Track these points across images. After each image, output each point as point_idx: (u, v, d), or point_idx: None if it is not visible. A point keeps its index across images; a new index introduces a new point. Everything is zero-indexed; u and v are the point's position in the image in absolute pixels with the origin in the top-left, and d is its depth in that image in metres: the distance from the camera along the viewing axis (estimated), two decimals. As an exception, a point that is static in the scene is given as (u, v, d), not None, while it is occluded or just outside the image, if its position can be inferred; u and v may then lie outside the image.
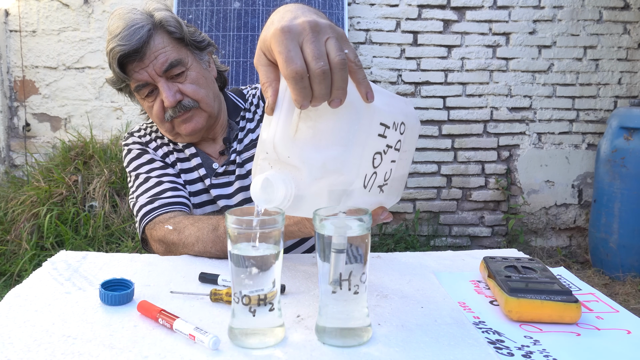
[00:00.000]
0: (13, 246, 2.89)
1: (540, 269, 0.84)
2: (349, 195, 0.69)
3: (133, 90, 1.22)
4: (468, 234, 3.57)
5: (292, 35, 0.61)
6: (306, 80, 0.61)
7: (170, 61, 1.16)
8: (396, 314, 0.76)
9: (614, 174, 3.10)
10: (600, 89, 3.55)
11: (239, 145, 1.27)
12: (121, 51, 1.12)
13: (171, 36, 1.18)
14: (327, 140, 0.65)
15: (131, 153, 1.28)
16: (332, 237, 0.64)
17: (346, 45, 0.64)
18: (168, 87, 1.16)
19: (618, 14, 3.49)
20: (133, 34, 1.12)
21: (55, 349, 0.65)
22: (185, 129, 1.20)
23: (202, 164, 1.26)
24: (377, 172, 0.73)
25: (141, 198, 1.19)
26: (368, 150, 0.69)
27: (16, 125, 3.37)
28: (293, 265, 0.97)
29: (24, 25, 3.28)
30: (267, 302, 0.65)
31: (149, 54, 1.15)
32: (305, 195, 0.67)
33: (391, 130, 0.73)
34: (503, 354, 0.65)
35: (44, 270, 0.92)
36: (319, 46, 0.61)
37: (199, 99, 1.19)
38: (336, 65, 0.61)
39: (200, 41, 1.24)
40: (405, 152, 0.81)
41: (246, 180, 1.25)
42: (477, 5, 3.41)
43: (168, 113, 1.19)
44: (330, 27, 0.64)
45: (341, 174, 0.66)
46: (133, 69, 1.16)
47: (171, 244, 1.07)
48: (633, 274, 3.07)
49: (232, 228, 0.64)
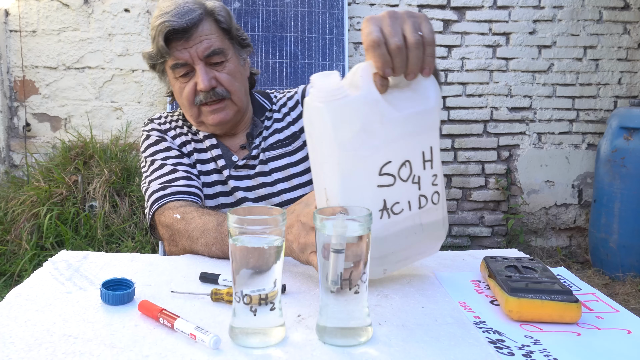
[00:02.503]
0: (13, 246, 2.89)
1: (540, 269, 0.84)
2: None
3: (170, 68, 1.23)
4: (468, 234, 3.57)
5: (374, 21, 0.75)
6: (383, 47, 0.73)
7: (213, 48, 1.19)
8: (397, 313, 0.77)
9: (614, 174, 3.10)
10: (600, 89, 3.55)
11: (263, 142, 1.30)
12: (171, 26, 1.15)
13: (218, 25, 1.22)
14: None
15: (149, 139, 1.29)
16: (331, 237, 0.65)
17: (424, 26, 0.75)
18: (205, 72, 1.19)
19: (618, 14, 3.49)
20: (185, 14, 1.16)
21: (56, 349, 0.65)
22: (213, 119, 1.23)
23: (222, 155, 1.28)
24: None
25: (154, 183, 1.20)
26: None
27: (16, 125, 3.37)
28: (294, 265, 0.97)
29: (24, 25, 3.28)
30: (268, 301, 0.65)
31: (195, 37, 1.18)
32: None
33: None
34: (504, 353, 0.65)
35: (44, 270, 0.92)
36: (395, 27, 0.74)
37: (232, 91, 1.22)
38: (411, 43, 0.73)
39: (243, 38, 1.29)
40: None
41: (268, 177, 1.27)
42: (477, 5, 3.41)
43: (199, 97, 1.21)
44: (408, 13, 0.76)
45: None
46: (176, 46, 1.19)
47: (177, 232, 1.08)
48: (633, 274, 3.07)
49: (234, 227, 0.64)
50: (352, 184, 0.76)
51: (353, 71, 0.77)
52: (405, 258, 0.86)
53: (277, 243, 0.65)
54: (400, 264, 0.86)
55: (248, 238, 0.65)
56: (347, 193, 0.76)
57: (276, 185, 1.28)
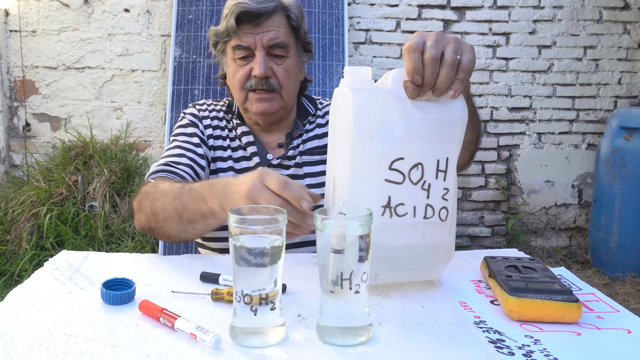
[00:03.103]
0: (13, 246, 2.89)
1: (540, 269, 0.84)
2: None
3: (231, 48, 1.24)
4: (468, 234, 3.57)
5: (421, 34, 0.80)
6: (418, 53, 0.77)
7: (278, 40, 1.21)
8: (397, 313, 0.77)
9: (614, 174, 3.10)
10: (600, 89, 3.55)
11: (302, 145, 1.30)
12: (245, 8, 1.18)
13: (289, 22, 1.25)
14: None
15: (182, 120, 1.32)
16: (331, 237, 0.65)
17: (465, 54, 0.79)
18: (264, 60, 1.21)
19: (618, 14, 3.49)
20: (261, 2, 1.20)
21: (57, 348, 0.65)
22: (257, 108, 1.23)
23: (257, 152, 1.28)
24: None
25: (161, 159, 1.23)
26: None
27: (16, 125, 3.37)
28: (294, 264, 0.97)
29: (24, 25, 3.28)
30: (268, 301, 0.66)
31: (264, 25, 1.20)
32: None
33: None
34: (504, 353, 0.65)
35: (45, 270, 0.92)
36: (438, 43, 0.78)
37: (284, 86, 1.24)
38: (446, 60, 0.77)
39: (308, 42, 1.32)
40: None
41: (300, 181, 1.24)
42: (477, 5, 3.41)
43: (250, 82, 1.22)
44: (456, 38, 0.80)
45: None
46: (244, 29, 1.21)
47: (144, 195, 1.08)
48: (633, 274, 3.07)
49: (234, 227, 0.65)
50: (361, 172, 0.76)
51: (386, 75, 0.81)
52: (401, 269, 0.83)
53: (278, 243, 0.65)
54: (394, 274, 0.83)
55: (248, 238, 0.65)
56: (354, 181, 0.76)
57: None
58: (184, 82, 2.89)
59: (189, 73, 2.91)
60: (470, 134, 0.98)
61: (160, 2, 3.29)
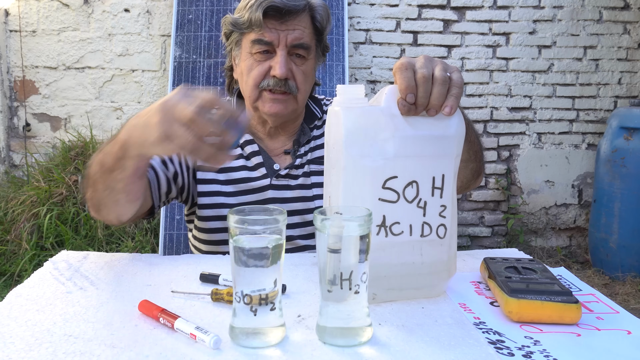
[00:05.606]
0: (13, 246, 2.89)
1: (540, 270, 0.84)
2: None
3: (250, 41, 1.17)
4: (468, 234, 3.57)
5: (409, 58, 0.81)
6: (410, 72, 0.77)
7: (302, 41, 1.17)
8: (397, 313, 0.77)
9: (614, 174, 3.10)
10: (600, 89, 3.55)
11: (310, 153, 1.25)
12: (275, 2, 1.12)
13: (314, 23, 1.20)
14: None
15: None
16: (329, 237, 0.65)
17: (454, 73, 0.80)
18: (285, 60, 1.15)
19: (618, 14, 3.49)
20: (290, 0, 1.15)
21: (56, 348, 0.65)
22: (270, 108, 1.17)
23: (264, 163, 1.22)
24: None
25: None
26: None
27: (16, 125, 3.37)
28: (294, 265, 0.97)
29: (24, 25, 3.28)
30: (268, 301, 0.66)
31: (290, 23, 1.15)
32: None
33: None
34: (503, 354, 0.65)
35: (45, 270, 0.92)
36: (427, 63, 0.79)
37: (301, 89, 1.19)
38: (437, 78, 0.77)
39: (327, 46, 1.27)
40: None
41: (308, 191, 1.22)
42: (477, 5, 3.41)
43: (267, 81, 1.16)
44: (442, 61, 0.81)
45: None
46: (267, 24, 1.15)
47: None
48: (633, 274, 3.07)
49: (234, 227, 0.65)
50: (354, 192, 0.76)
51: (379, 92, 0.81)
52: (399, 288, 0.81)
53: (278, 243, 0.65)
54: (392, 293, 0.82)
55: (248, 238, 0.65)
56: (348, 201, 0.76)
57: (314, 201, 1.21)
58: (184, 82, 2.89)
59: (189, 73, 2.92)
60: (467, 152, 0.95)
61: (160, 2, 3.29)
